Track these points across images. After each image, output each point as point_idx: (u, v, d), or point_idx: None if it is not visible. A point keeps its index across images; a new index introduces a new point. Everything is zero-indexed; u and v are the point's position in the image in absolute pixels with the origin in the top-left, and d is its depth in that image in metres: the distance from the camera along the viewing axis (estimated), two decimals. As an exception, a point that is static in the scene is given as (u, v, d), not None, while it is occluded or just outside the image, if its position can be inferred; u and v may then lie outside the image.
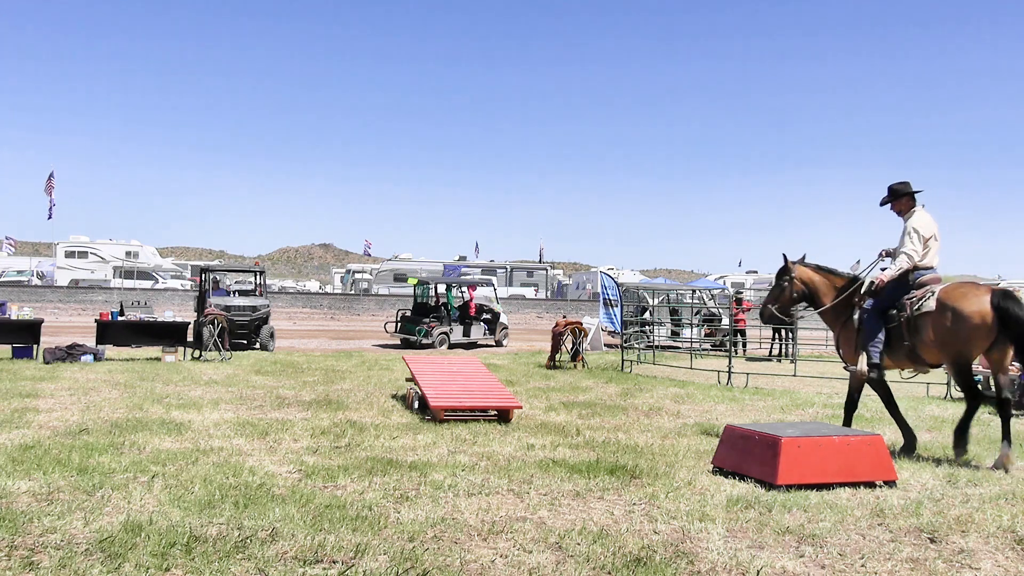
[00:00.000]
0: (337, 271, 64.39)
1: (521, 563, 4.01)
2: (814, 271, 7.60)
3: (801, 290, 7.58)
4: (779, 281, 7.69)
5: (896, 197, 7.24)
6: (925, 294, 6.90)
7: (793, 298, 7.63)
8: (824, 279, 7.56)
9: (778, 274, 7.76)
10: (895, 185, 7.27)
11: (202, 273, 18.99)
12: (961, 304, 6.62)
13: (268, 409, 8.92)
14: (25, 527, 4.31)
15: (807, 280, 7.58)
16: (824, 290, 7.52)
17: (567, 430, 8.02)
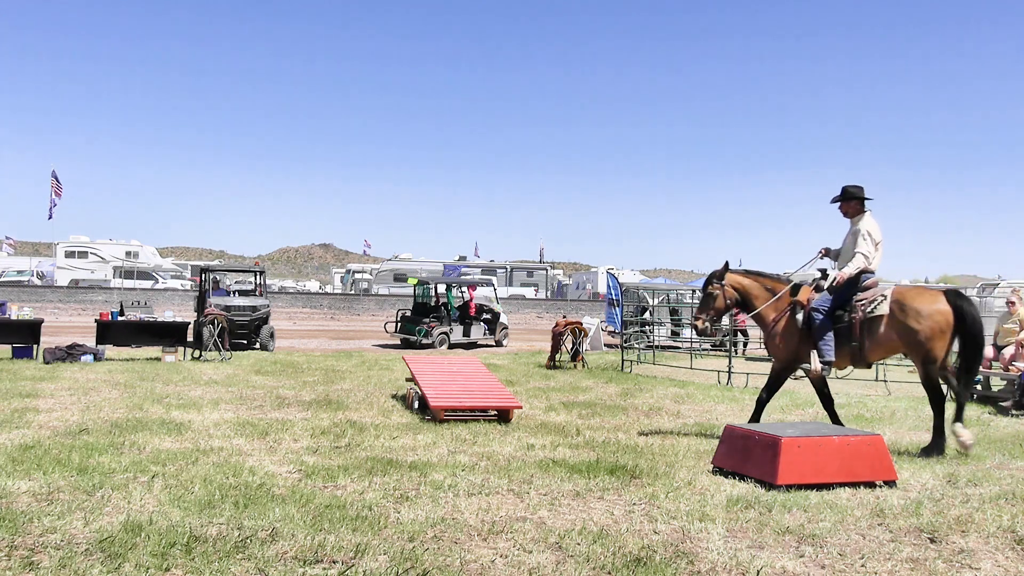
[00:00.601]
0: (337, 271, 64.42)
1: (521, 563, 4.01)
2: (743, 276, 7.70)
3: (734, 296, 7.61)
4: (708, 291, 7.65)
5: (849, 199, 7.46)
6: (876, 297, 7.22)
7: (727, 305, 7.65)
8: (756, 282, 7.65)
9: (705, 285, 7.76)
10: (850, 188, 7.49)
11: (202, 273, 18.98)
12: (922, 305, 7.05)
13: (268, 409, 8.92)
14: (25, 527, 4.31)
15: (739, 286, 7.62)
16: (757, 293, 7.59)
17: (567, 430, 8.02)
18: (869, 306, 7.20)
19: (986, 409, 10.20)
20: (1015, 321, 11.01)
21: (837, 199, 7.52)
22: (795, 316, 7.41)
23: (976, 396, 11.07)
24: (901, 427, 8.70)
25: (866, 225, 7.35)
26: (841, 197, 7.49)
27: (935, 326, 7.01)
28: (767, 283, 7.65)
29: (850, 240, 7.41)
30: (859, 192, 7.44)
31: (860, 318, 7.19)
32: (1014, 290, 11.85)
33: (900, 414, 9.61)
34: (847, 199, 7.46)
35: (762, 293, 7.58)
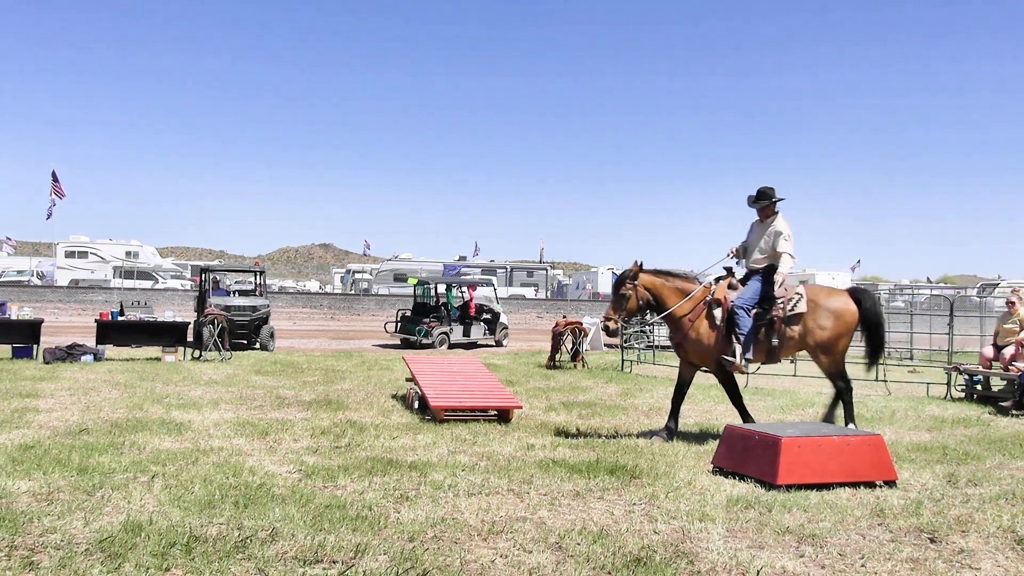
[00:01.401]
0: (337, 271, 64.39)
1: (521, 563, 4.01)
2: (655, 276, 7.65)
3: (646, 297, 7.57)
4: (620, 291, 7.56)
5: (768, 200, 7.65)
6: (792, 296, 7.50)
7: (639, 306, 7.60)
8: (667, 283, 7.63)
9: (617, 285, 7.66)
10: (767, 189, 7.68)
11: (202, 273, 18.98)
12: (836, 304, 7.55)
13: (268, 409, 8.92)
14: (25, 527, 4.31)
15: (651, 286, 7.58)
16: (669, 294, 7.58)
17: (567, 430, 8.02)
18: (788, 304, 7.46)
19: (986, 409, 10.20)
20: (1015, 321, 11.01)
21: (757, 201, 7.67)
22: (713, 314, 7.47)
23: (976, 396, 11.07)
24: (901, 427, 8.70)
25: (781, 226, 7.59)
26: (761, 199, 7.66)
27: (847, 324, 7.54)
28: (678, 283, 7.66)
29: (766, 240, 7.60)
30: (774, 194, 7.65)
31: (781, 316, 7.44)
32: (1014, 290, 11.84)
33: (900, 414, 9.61)
34: (767, 200, 7.63)
35: (674, 294, 7.58)
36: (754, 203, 7.71)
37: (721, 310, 7.45)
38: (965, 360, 12.95)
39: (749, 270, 7.76)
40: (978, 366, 11.36)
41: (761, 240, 7.66)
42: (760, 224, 7.77)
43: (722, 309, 7.45)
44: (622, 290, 7.53)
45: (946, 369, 12.39)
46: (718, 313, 7.45)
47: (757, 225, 7.83)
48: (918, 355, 17.85)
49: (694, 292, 7.56)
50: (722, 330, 7.44)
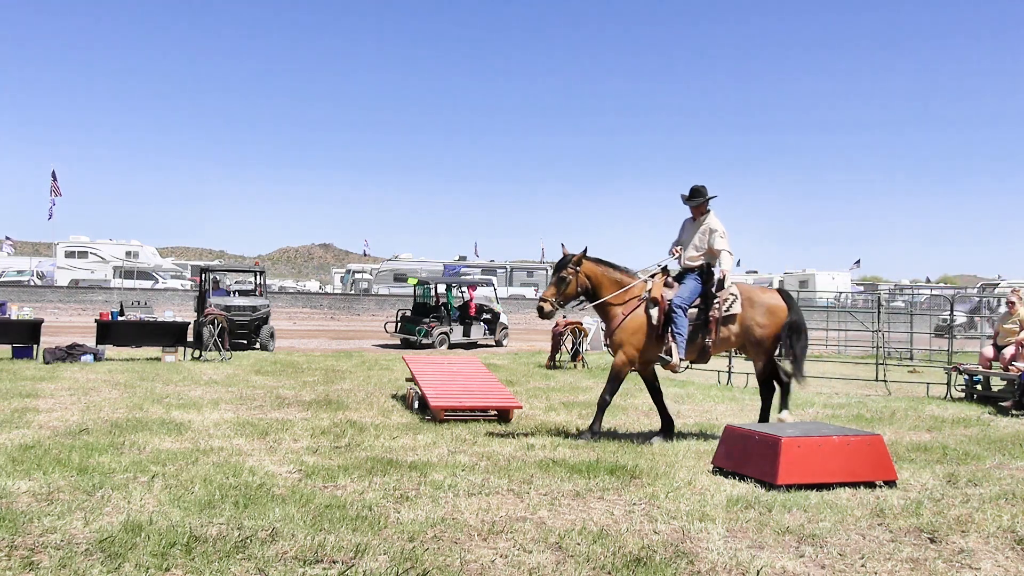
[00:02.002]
0: (337, 271, 64.36)
1: (521, 563, 4.01)
2: (596, 264, 7.57)
3: (585, 284, 7.50)
4: (561, 274, 7.47)
5: (703, 198, 7.65)
6: (727, 296, 7.53)
7: (577, 292, 7.51)
8: (607, 273, 7.56)
9: (559, 267, 7.55)
10: (701, 187, 7.68)
11: (202, 273, 18.98)
12: (770, 304, 7.65)
13: (268, 409, 8.92)
14: (25, 527, 4.31)
15: (591, 274, 7.51)
16: (607, 284, 7.52)
17: (567, 430, 8.03)
18: (724, 304, 7.49)
19: (986, 409, 10.20)
20: (1015, 321, 11.01)
21: (692, 199, 7.67)
22: (649, 312, 7.41)
23: (976, 396, 11.07)
24: (901, 427, 8.70)
25: (715, 223, 7.61)
26: (696, 197, 7.64)
27: (779, 322, 7.61)
28: (616, 275, 7.59)
29: (700, 238, 7.60)
30: (707, 192, 7.66)
31: (717, 316, 7.46)
32: (1014, 290, 11.85)
33: (900, 414, 9.60)
34: (702, 198, 7.63)
35: (611, 285, 7.51)
36: (689, 201, 7.68)
37: (658, 308, 7.40)
38: (965, 360, 12.95)
39: (684, 268, 7.69)
40: (978, 366, 11.36)
41: (695, 238, 7.65)
42: (693, 222, 7.75)
43: (659, 308, 7.40)
44: (563, 273, 7.44)
45: (946, 369, 12.40)
46: (655, 311, 7.40)
47: (689, 223, 7.81)
48: (918, 355, 17.85)
49: (631, 286, 7.51)
50: (657, 328, 7.39)
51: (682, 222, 7.95)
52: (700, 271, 7.60)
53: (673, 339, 7.37)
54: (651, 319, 7.39)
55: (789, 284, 42.91)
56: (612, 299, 7.47)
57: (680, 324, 7.36)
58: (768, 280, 47.56)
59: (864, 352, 19.20)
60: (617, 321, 7.46)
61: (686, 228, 7.85)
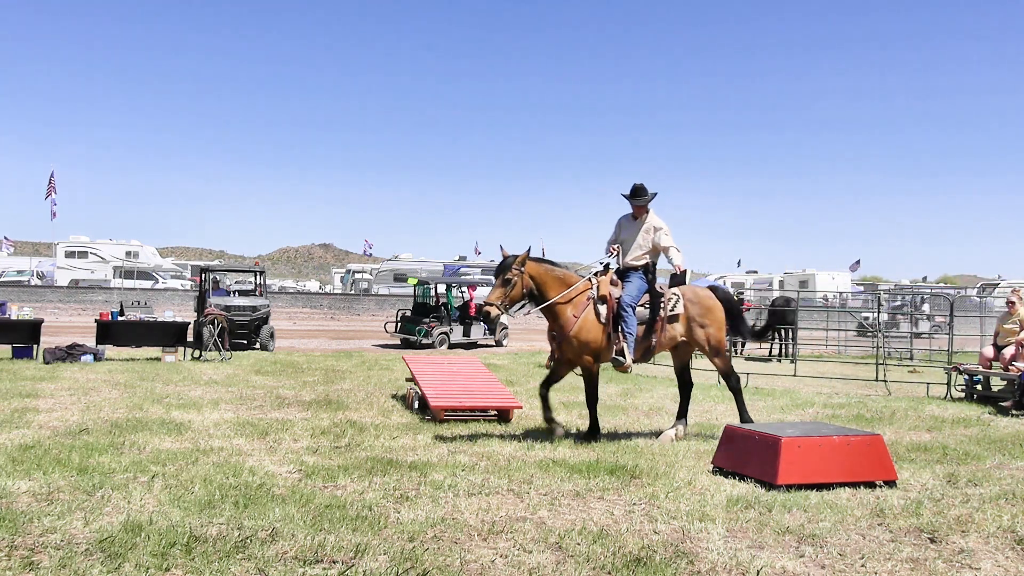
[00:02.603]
0: (337, 271, 64.36)
1: (521, 563, 4.01)
2: (539, 264, 7.34)
3: (530, 285, 7.24)
4: (506, 276, 7.15)
5: (648, 196, 7.57)
6: (671, 296, 7.52)
7: (523, 294, 7.25)
8: (550, 273, 7.33)
9: (503, 270, 7.22)
10: (643, 186, 7.57)
11: (202, 273, 18.98)
12: (710, 303, 7.68)
13: (268, 409, 8.92)
14: (25, 527, 4.31)
15: (535, 274, 7.26)
16: (553, 284, 7.28)
17: (567, 430, 8.02)
18: (669, 304, 7.46)
19: (986, 409, 10.20)
20: (1015, 321, 11.01)
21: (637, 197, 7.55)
22: (598, 311, 7.25)
23: (976, 396, 11.07)
24: (901, 427, 8.69)
25: (658, 221, 7.59)
26: (640, 195, 7.54)
27: (720, 321, 7.71)
28: (559, 274, 7.37)
29: (644, 236, 7.56)
30: (648, 191, 7.57)
31: (663, 315, 7.42)
32: (1014, 290, 11.85)
33: (900, 414, 9.60)
34: (645, 197, 7.55)
35: (557, 285, 7.29)
36: (634, 197, 7.53)
37: (607, 307, 7.25)
38: (965, 360, 12.95)
39: (626, 267, 7.56)
40: (978, 366, 11.36)
41: (638, 236, 7.55)
42: (633, 221, 7.65)
43: (607, 306, 7.25)
44: (508, 275, 7.15)
45: (946, 369, 12.40)
46: (603, 310, 7.24)
47: (629, 222, 7.69)
48: (918, 355, 17.85)
49: (576, 285, 7.31)
50: (607, 328, 7.23)
51: (617, 220, 7.82)
52: (645, 269, 7.52)
53: (624, 339, 7.25)
54: (599, 317, 7.22)
55: (789, 284, 42.92)
56: (561, 299, 7.23)
57: (630, 323, 7.25)
58: (768, 280, 47.56)
59: (864, 352, 19.20)
60: (572, 322, 7.20)
61: (624, 227, 7.72)
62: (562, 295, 7.24)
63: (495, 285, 7.26)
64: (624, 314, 7.26)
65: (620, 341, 7.27)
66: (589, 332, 7.22)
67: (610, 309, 7.25)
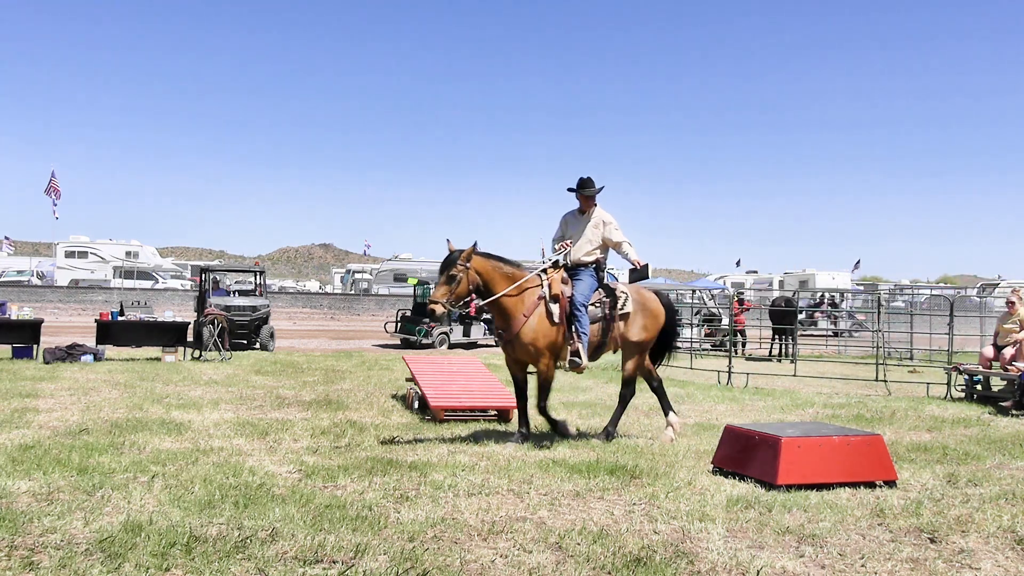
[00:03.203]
0: (337, 271, 64.35)
1: (521, 563, 4.01)
2: (486, 259, 7.01)
3: (476, 281, 6.90)
4: (451, 272, 6.82)
5: (592, 188, 7.33)
6: (620, 294, 7.34)
7: (469, 290, 6.93)
8: (498, 268, 7.02)
9: (447, 265, 6.88)
10: (591, 179, 7.35)
11: (202, 273, 18.98)
12: (653, 305, 7.54)
13: (268, 409, 8.92)
14: (25, 527, 4.31)
15: (482, 270, 6.93)
16: (500, 280, 6.95)
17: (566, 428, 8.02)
18: (619, 302, 7.28)
19: (986, 409, 10.19)
20: (1015, 321, 11.01)
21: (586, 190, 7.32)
22: (551, 310, 6.96)
23: (976, 396, 11.07)
24: (901, 427, 8.69)
25: (607, 216, 7.38)
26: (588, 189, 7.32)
27: (659, 326, 7.56)
28: (508, 269, 7.06)
29: (593, 231, 7.33)
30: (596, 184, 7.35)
31: (615, 314, 7.24)
32: (1014, 290, 11.85)
33: (900, 414, 9.60)
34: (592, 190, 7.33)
35: (504, 280, 6.97)
36: (583, 190, 7.29)
37: (559, 306, 6.97)
38: (965, 360, 12.95)
39: (575, 264, 7.30)
40: (978, 366, 11.36)
41: (587, 231, 7.31)
42: (579, 216, 7.42)
43: (559, 305, 6.98)
44: (453, 271, 6.81)
45: (946, 369, 12.40)
46: (556, 309, 6.96)
47: (575, 217, 7.46)
48: (918, 355, 17.85)
49: (522, 281, 6.99)
50: (561, 328, 6.99)
51: (562, 217, 7.60)
52: (596, 266, 7.30)
53: (578, 339, 7.01)
54: (552, 317, 6.95)
55: (789, 284, 42.95)
56: (509, 296, 6.90)
57: (584, 323, 7.03)
58: (768, 280, 47.57)
59: (864, 352, 19.20)
60: (521, 321, 6.90)
61: (571, 223, 7.47)
62: (508, 290, 6.91)
63: (439, 282, 6.91)
64: (577, 314, 7.03)
65: (575, 342, 7.02)
66: (541, 332, 6.95)
67: (563, 308, 6.99)
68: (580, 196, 7.41)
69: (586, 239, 7.34)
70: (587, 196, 7.37)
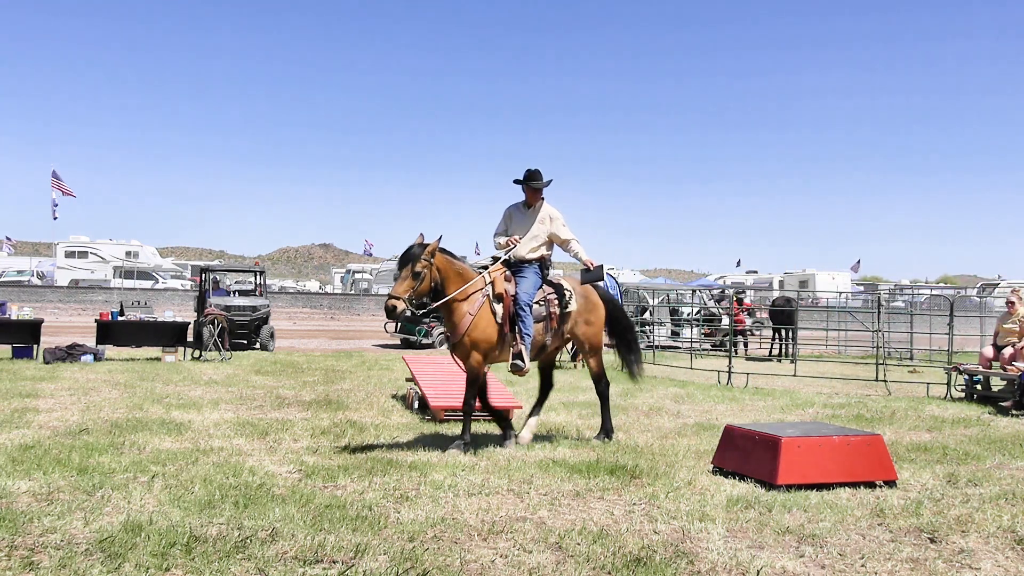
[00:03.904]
0: (337, 271, 64.38)
1: (521, 563, 4.01)
2: (444, 256, 6.66)
3: (436, 279, 6.54)
4: (416, 268, 6.39)
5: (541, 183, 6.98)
6: (565, 292, 7.04)
7: (431, 287, 6.54)
8: (452, 265, 6.68)
9: (411, 259, 6.43)
10: (539, 171, 7.00)
11: (202, 273, 18.98)
12: (593, 298, 7.25)
13: (268, 409, 8.92)
14: (25, 527, 4.31)
15: (442, 267, 6.58)
16: (453, 278, 6.62)
17: (567, 430, 8.02)
18: (562, 300, 6.96)
19: (986, 409, 10.19)
20: (1015, 321, 11.00)
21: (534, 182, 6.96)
22: (494, 309, 6.62)
23: (976, 396, 11.07)
24: (901, 427, 8.69)
25: (554, 211, 7.05)
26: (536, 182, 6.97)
27: (603, 318, 7.33)
28: (459, 267, 6.72)
29: (539, 227, 6.98)
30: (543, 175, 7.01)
31: (557, 313, 6.94)
32: (1014, 290, 11.84)
33: (900, 414, 9.60)
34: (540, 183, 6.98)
35: (457, 279, 6.62)
36: (531, 182, 6.93)
37: (502, 306, 6.63)
38: (965, 360, 12.95)
39: (518, 260, 6.95)
40: (978, 366, 11.36)
41: (534, 227, 6.96)
42: (525, 210, 7.06)
43: (504, 305, 6.65)
44: (418, 267, 6.37)
45: (946, 369, 12.39)
46: (499, 308, 6.62)
47: (519, 211, 7.08)
48: (918, 355, 17.85)
49: (474, 281, 6.66)
50: (505, 328, 6.65)
51: (505, 211, 7.19)
52: (541, 263, 6.99)
53: (522, 339, 6.66)
54: (496, 316, 6.60)
55: (789, 284, 42.95)
56: (459, 296, 6.57)
57: (528, 323, 6.69)
58: (768, 280, 47.57)
59: (864, 352, 19.20)
60: (467, 321, 6.53)
61: (516, 217, 7.09)
62: (460, 291, 6.57)
63: (402, 276, 6.40)
64: (522, 314, 6.67)
65: (518, 343, 6.68)
66: (483, 332, 6.58)
67: (506, 308, 6.65)
68: (528, 189, 7.03)
69: (532, 235, 6.98)
70: (535, 189, 7.00)
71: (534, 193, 7.05)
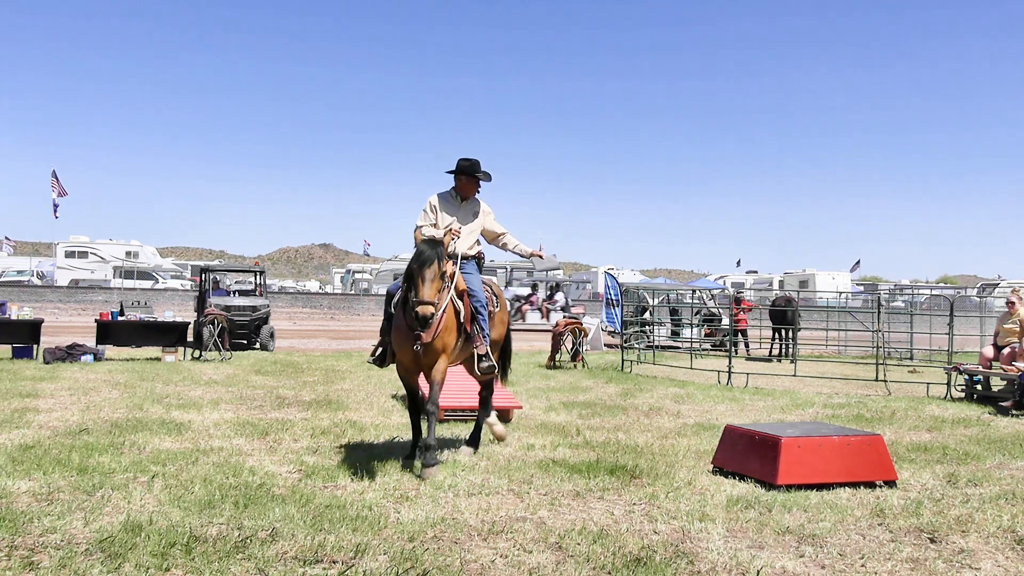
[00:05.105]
0: (337, 271, 64.36)
1: (521, 563, 4.01)
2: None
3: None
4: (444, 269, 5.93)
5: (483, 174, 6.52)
6: (498, 291, 6.84)
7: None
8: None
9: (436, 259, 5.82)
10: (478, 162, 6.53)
11: (202, 273, 18.96)
12: (504, 300, 6.93)
13: (268, 409, 8.92)
14: (25, 527, 4.31)
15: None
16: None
17: (567, 430, 8.02)
18: (496, 301, 6.68)
19: (986, 409, 10.19)
20: (1015, 321, 11.00)
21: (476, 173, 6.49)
22: (457, 308, 6.12)
23: (976, 396, 11.07)
24: (901, 427, 8.69)
25: (486, 205, 6.69)
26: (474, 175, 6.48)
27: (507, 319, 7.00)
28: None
29: (476, 220, 6.58)
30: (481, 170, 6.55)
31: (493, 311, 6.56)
32: (1014, 290, 11.85)
33: (900, 414, 9.60)
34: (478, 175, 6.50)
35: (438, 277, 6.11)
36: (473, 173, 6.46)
37: (464, 303, 6.19)
38: (965, 360, 12.95)
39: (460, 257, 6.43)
40: (978, 366, 11.36)
41: (470, 220, 6.52)
42: (459, 203, 6.54)
43: (464, 302, 6.20)
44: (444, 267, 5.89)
45: (946, 369, 12.39)
46: (462, 307, 6.17)
47: (450, 204, 6.53)
48: (918, 355, 17.85)
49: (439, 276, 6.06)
50: (467, 327, 6.22)
51: (431, 201, 6.57)
52: (478, 260, 6.62)
53: (483, 340, 6.28)
54: (459, 316, 6.13)
55: (789, 284, 42.93)
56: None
57: (485, 323, 6.31)
58: (768, 280, 47.57)
59: (864, 352, 19.19)
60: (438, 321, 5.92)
61: (446, 209, 6.51)
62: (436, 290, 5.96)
63: (428, 278, 5.69)
64: (480, 313, 6.26)
65: (481, 344, 6.28)
66: (452, 332, 6.10)
67: (467, 307, 6.22)
68: (465, 179, 6.48)
69: (469, 229, 6.49)
70: (475, 180, 6.49)
71: (472, 185, 6.52)
